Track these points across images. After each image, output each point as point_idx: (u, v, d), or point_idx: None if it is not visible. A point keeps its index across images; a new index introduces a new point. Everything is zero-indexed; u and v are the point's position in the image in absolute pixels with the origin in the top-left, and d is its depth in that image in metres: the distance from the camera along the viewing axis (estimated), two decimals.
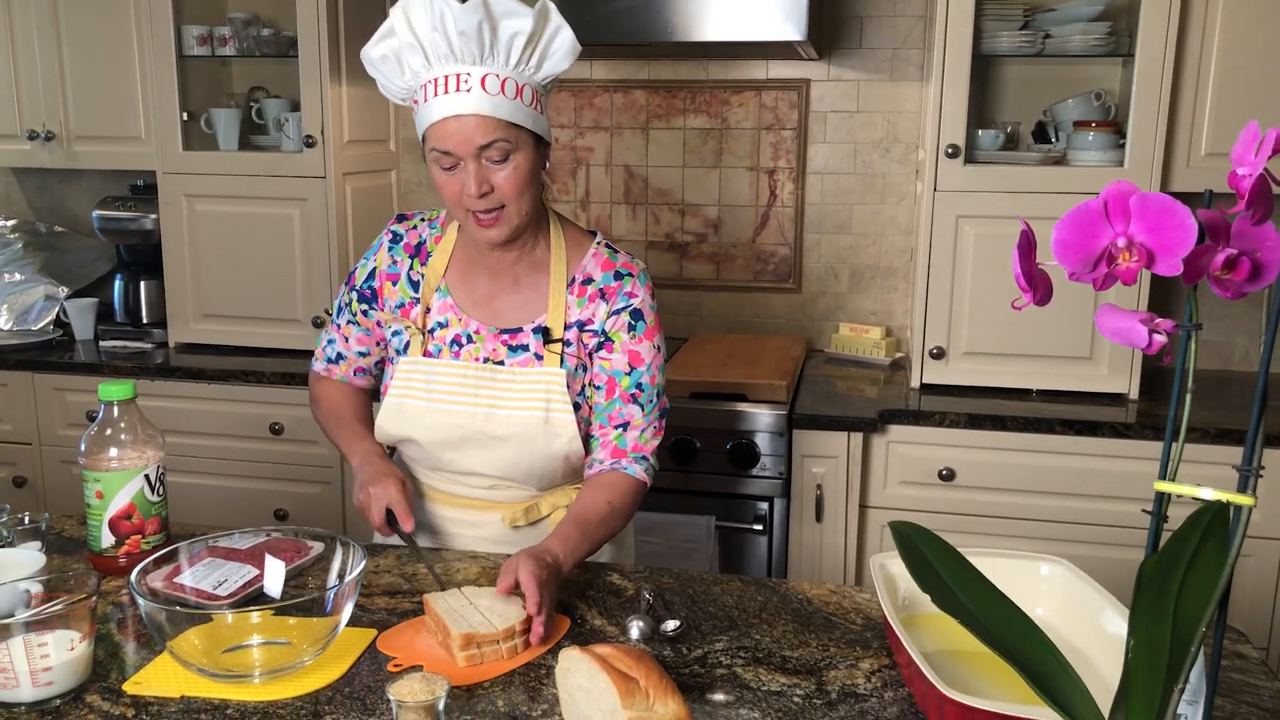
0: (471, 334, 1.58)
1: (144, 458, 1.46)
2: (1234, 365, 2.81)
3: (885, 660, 1.26)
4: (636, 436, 1.58)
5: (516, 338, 1.57)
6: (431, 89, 1.43)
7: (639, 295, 1.58)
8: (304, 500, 2.75)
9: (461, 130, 1.42)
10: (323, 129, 2.77)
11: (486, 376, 1.56)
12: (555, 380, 1.55)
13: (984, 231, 2.46)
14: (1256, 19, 2.34)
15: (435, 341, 1.59)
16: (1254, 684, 1.20)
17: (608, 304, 1.57)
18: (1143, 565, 0.78)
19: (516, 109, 1.44)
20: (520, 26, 1.41)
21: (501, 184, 1.46)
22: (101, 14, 2.93)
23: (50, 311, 3.12)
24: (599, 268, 1.59)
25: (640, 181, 3.06)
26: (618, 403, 1.57)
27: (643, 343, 1.58)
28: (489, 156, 1.44)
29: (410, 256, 1.64)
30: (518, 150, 1.45)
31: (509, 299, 1.59)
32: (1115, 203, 0.75)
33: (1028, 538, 2.37)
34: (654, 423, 1.60)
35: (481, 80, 1.41)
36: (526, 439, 1.54)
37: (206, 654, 1.20)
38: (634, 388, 1.57)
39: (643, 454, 1.58)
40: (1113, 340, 0.78)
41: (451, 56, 1.41)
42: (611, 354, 1.57)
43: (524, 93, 1.45)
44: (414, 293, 1.62)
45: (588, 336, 1.58)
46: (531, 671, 1.22)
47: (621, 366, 1.57)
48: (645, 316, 1.58)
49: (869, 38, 2.86)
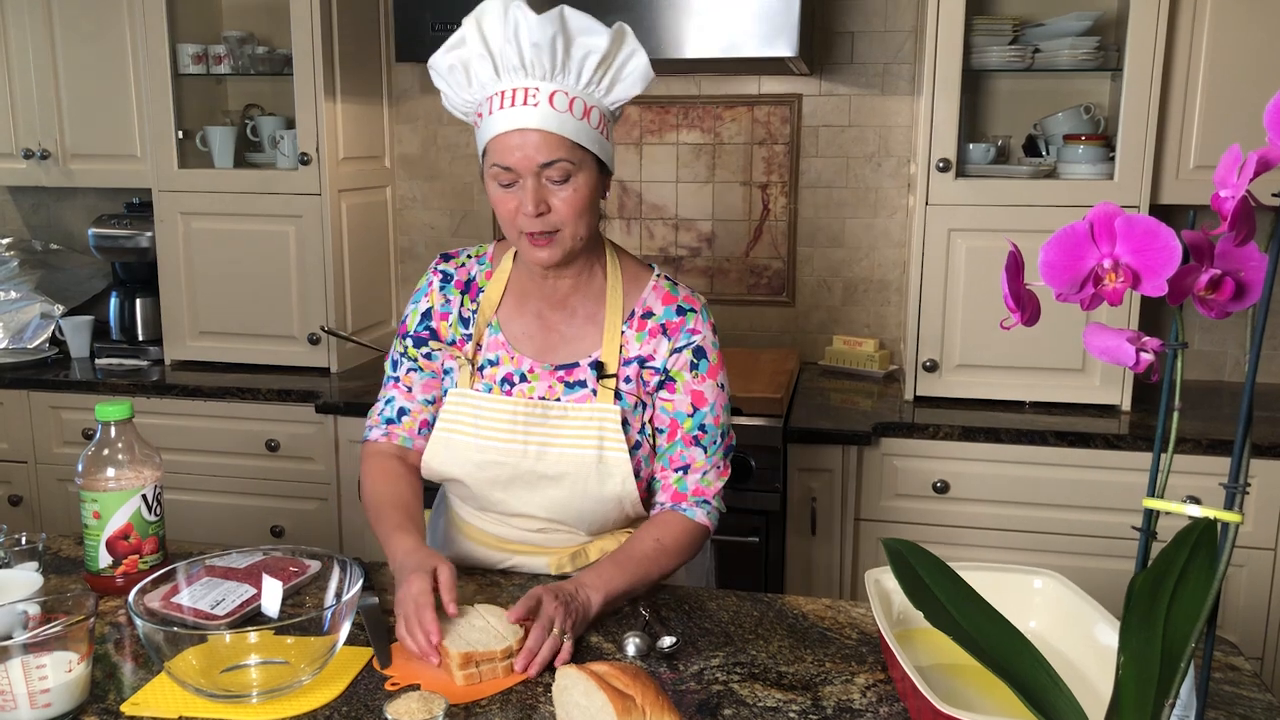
0: (525, 373, 1.52)
1: (141, 477, 1.46)
2: (1225, 376, 2.83)
3: (880, 675, 1.26)
4: (698, 480, 1.53)
5: (573, 373, 1.52)
6: (497, 101, 1.39)
7: (701, 332, 1.53)
8: (301, 517, 2.75)
9: (524, 145, 1.37)
10: (318, 146, 2.79)
11: (537, 413, 1.50)
12: (609, 416, 1.49)
13: (976, 244, 2.48)
14: (1244, 32, 2.37)
15: (485, 380, 1.54)
16: (1246, 696, 1.21)
17: (670, 341, 1.52)
18: (1132, 582, 0.79)
19: (583, 130, 1.39)
20: (595, 45, 1.37)
21: (559, 206, 1.40)
22: (97, 33, 2.95)
23: (46, 329, 3.12)
24: (659, 301, 1.54)
25: (634, 196, 3.07)
26: (679, 445, 1.52)
27: (705, 381, 1.52)
28: (549, 176, 1.39)
29: (461, 293, 1.58)
30: (579, 172, 1.40)
31: (564, 331, 1.54)
32: (1101, 224, 0.76)
33: (1022, 549, 2.38)
34: (718, 464, 1.55)
35: (550, 97, 1.37)
36: (579, 479, 1.49)
37: (204, 674, 1.20)
38: (697, 429, 1.52)
39: (704, 497, 1.53)
40: (1100, 359, 0.80)
41: (521, 70, 1.37)
42: (674, 395, 1.52)
43: (591, 115, 1.40)
44: (465, 330, 1.56)
45: (649, 374, 1.52)
46: (529, 689, 1.23)
47: (684, 408, 1.52)
48: (708, 354, 1.53)
49: (860, 53, 2.88)
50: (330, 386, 2.77)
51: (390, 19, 2.97)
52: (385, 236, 3.18)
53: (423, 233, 3.23)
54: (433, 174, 3.19)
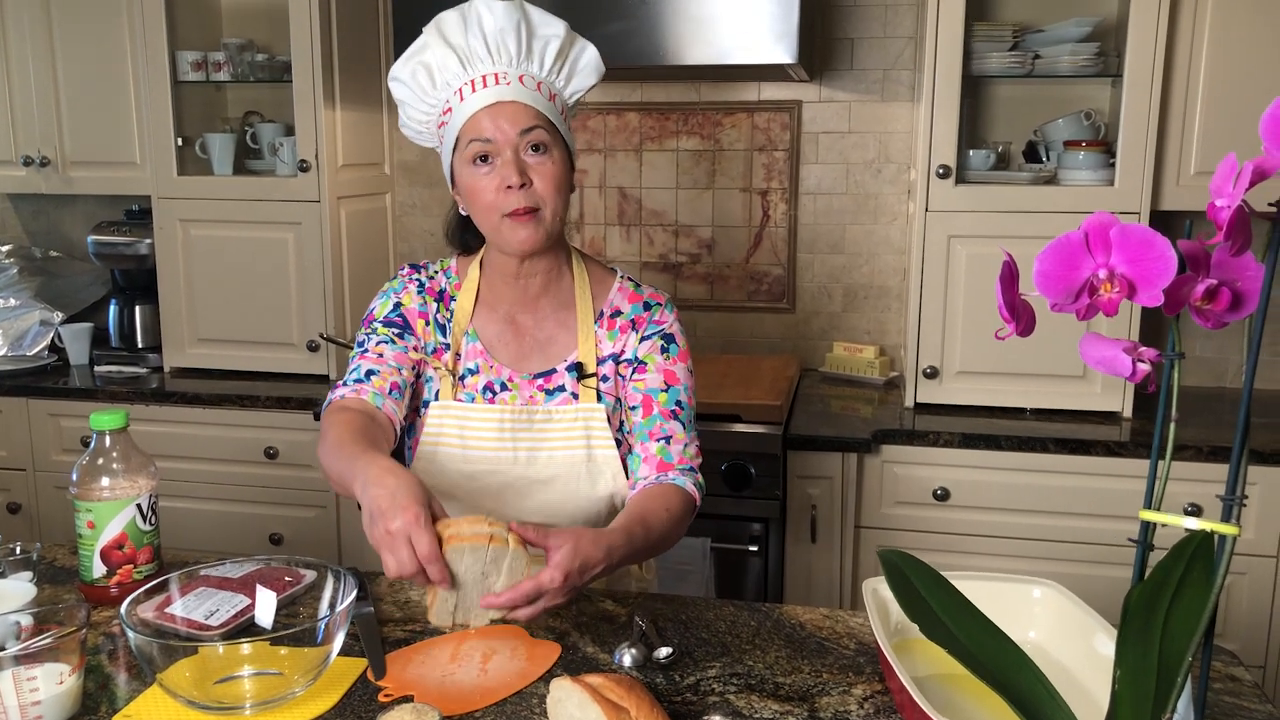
0: (505, 381, 1.54)
1: (136, 487, 1.46)
2: (1227, 382, 2.82)
3: (878, 686, 1.25)
4: (681, 450, 1.52)
5: (551, 380, 1.54)
6: (469, 88, 1.43)
7: (668, 321, 1.57)
8: (300, 525, 2.75)
9: (502, 114, 1.41)
10: (317, 153, 2.78)
11: (523, 419, 1.51)
12: (595, 415, 1.52)
13: (976, 251, 2.47)
14: (1244, 38, 2.36)
15: (467, 389, 1.54)
16: (1246, 707, 1.20)
17: (638, 332, 1.56)
18: (1128, 595, 0.78)
19: (552, 109, 1.45)
20: (555, 33, 1.44)
21: (538, 180, 1.42)
22: (96, 40, 2.95)
23: (45, 337, 3.12)
24: (626, 300, 1.58)
25: (634, 203, 3.07)
26: (658, 419, 1.52)
27: (677, 364, 1.55)
28: (528, 143, 1.42)
29: (435, 300, 1.58)
30: (554, 148, 1.44)
31: (536, 335, 1.56)
32: (1096, 234, 0.75)
33: (1023, 557, 2.37)
34: (695, 441, 1.55)
35: (519, 78, 1.43)
36: (570, 480, 1.51)
37: (197, 685, 1.19)
38: (673, 404, 1.53)
39: (690, 466, 1.52)
40: (1097, 369, 0.79)
41: (488, 57, 1.42)
42: (646, 374, 1.54)
43: (556, 100, 1.47)
44: (442, 337, 1.56)
45: (623, 367, 1.55)
46: (523, 701, 1.22)
47: (658, 384, 1.53)
48: (677, 340, 1.57)
49: (860, 59, 2.87)
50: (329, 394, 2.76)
51: (390, 26, 2.97)
52: (385, 243, 3.18)
53: (422, 239, 3.23)
54: (432, 181, 3.19)
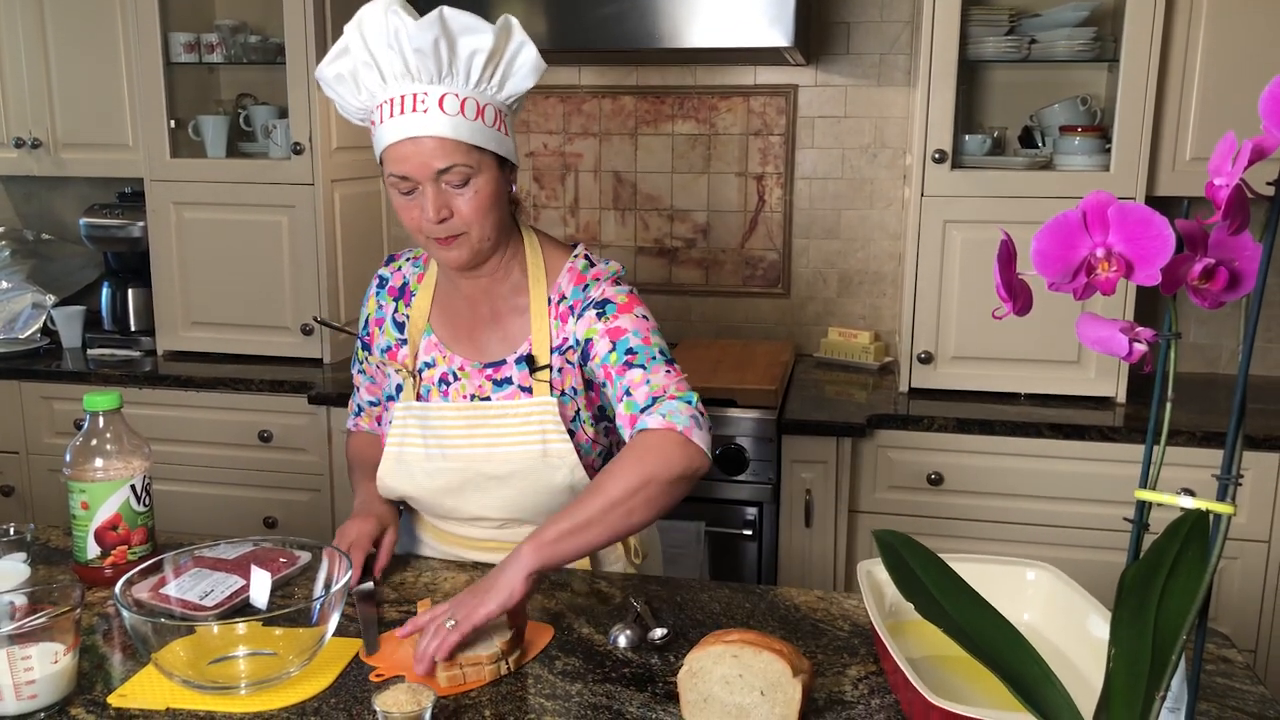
0: (456, 370, 1.53)
1: (130, 468, 1.45)
2: (1221, 368, 2.82)
3: (873, 667, 1.26)
4: (645, 391, 1.39)
5: (500, 371, 1.51)
6: (387, 109, 1.36)
7: (601, 289, 1.48)
8: (293, 508, 2.74)
9: (419, 154, 1.35)
10: (311, 135, 2.77)
11: (478, 415, 1.50)
12: (548, 410, 1.48)
13: (971, 236, 2.47)
14: (1241, 23, 2.36)
15: (425, 383, 1.55)
16: (1239, 689, 1.21)
17: (575, 314, 1.49)
18: (1123, 574, 0.78)
19: (477, 130, 1.37)
20: (480, 44, 1.34)
21: (461, 208, 1.39)
22: (88, 21, 2.93)
23: (37, 319, 3.11)
24: (571, 283, 1.51)
25: (629, 187, 3.06)
26: (617, 380, 1.43)
27: (619, 318, 1.45)
28: (448, 181, 1.37)
29: (395, 300, 1.60)
30: (479, 174, 1.38)
31: (490, 331, 1.54)
32: (1094, 213, 0.75)
33: (1017, 541, 2.37)
34: (662, 369, 1.41)
35: (440, 100, 1.34)
36: (527, 474, 1.49)
37: (192, 665, 1.19)
38: (624, 356, 1.43)
39: (655, 397, 1.38)
40: (1093, 349, 0.79)
41: (408, 75, 1.34)
42: (594, 348, 1.46)
43: (485, 113, 1.38)
44: (399, 334, 1.58)
45: (571, 354, 1.50)
46: (518, 680, 1.22)
47: (605, 349, 1.45)
48: (613, 300, 1.47)
49: (856, 43, 2.86)
50: (323, 377, 2.75)
51: None
52: (379, 226, 3.17)
53: None
54: None
